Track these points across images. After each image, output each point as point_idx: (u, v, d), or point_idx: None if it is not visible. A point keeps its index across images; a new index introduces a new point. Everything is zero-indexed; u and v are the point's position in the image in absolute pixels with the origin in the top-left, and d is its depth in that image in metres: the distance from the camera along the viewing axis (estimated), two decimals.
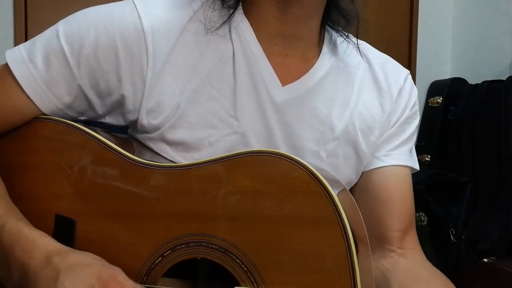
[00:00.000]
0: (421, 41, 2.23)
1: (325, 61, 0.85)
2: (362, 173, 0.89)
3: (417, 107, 0.91)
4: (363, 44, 0.91)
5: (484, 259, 1.83)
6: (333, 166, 0.84)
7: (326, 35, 0.87)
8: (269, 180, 0.65)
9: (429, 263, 0.87)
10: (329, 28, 0.87)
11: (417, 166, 0.91)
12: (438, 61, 2.28)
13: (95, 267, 0.64)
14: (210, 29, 0.78)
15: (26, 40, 1.72)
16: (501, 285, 1.31)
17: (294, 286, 0.63)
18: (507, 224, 1.83)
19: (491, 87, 1.97)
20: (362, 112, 0.85)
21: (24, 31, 1.73)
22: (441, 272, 0.84)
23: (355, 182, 0.89)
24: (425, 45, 2.24)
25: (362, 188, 0.88)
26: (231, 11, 0.79)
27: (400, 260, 0.84)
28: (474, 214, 1.92)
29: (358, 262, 0.61)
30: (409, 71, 0.92)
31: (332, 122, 0.83)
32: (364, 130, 0.85)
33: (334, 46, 0.87)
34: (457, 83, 2.17)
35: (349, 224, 0.61)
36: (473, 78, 2.11)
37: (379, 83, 0.88)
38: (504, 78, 1.94)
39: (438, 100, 2.17)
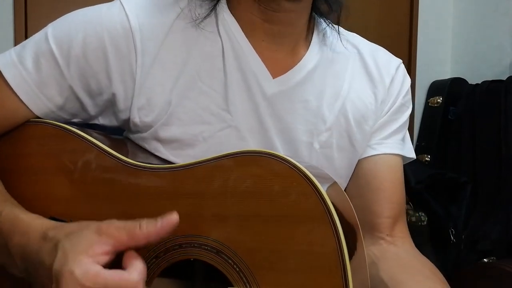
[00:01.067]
0: (421, 41, 2.23)
1: (314, 52, 0.85)
2: None
3: (409, 96, 0.91)
4: (352, 35, 0.91)
5: (484, 259, 1.83)
6: (327, 157, 0.84)
7: (316, 26, 0.87)
8: (260, 180, 0.65)
9: (419, 252, 0.87)
10: (318, 17, 0.87)
11: (412, 155, 0.91)
12: (438, 61, 2.28)
13: (92, 225, 0.63)
14: (196, 20, 0.78)
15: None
16: (501, 285, 1.32)
17: (286, 286, 0.64)
18: (507, 224, 1.83)
19: (491, 87, 1.97)
20: (354, 101, 0.85)
21: (24, 31, 1.74)
22: (430, 261, 0.84)
23: (351, 174, 0.89)
24: (425, 45, 2.23)
25: (354, 176, 0.89)
26: (214, 2, 0.80)
27: (389, 248, 0.84)
28: (474, 214, 1.92)
29: (350, 261, 0.61)
30: (401, 61, 0.92)
31: (324, 113, 0.83)
32: (357, 119, 0.85)
33: (323, 36, 0.87)
34: (457, 83, 2.17)
35: (340, 221, 0.61)
36: (473, 78, 2.11)
37: (370, 73, 0.88)
38: (504, 78, 1.93)
39: (438, 100, 2.17)
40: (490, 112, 1.94)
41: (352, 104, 0.85)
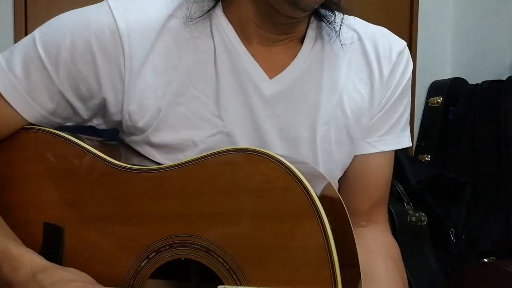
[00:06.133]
0: (421, 41, 2.22)
1: (309, 47, 0.83)
2: None
3: (410, 82, 0.88)
4: (351, 19, 0.87)
5: (484, 259, 1.82)
6: (326, 152, 0.83)
7: (310, 18, 0.84)
8: (246, 177, 0.65)
9: (387, 235, 0.89)
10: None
11: (408, 143, 0.89)
12: (438, 61, 2.27)
13: (78, 284, 0.66)
14: (188, 20, 0.77)
15: None
16: (501, 285, 1.31)
17: (275, 281, 0.64)
18: (507, 224, 1.82)
19: (491, 87, 1.96)
20: (351, 93, 0.83)
21: (24, 31, 1.74)
22: (395, 249, 0.86)
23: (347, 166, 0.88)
24: (425, 45, 2.23)
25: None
26: (211, 5, 0.78)
27: (361, 232, 0.86)
28: (474, 214, 1.91)
29: (337, 254, 0.61)
30: (405, 43, 0.88)
31: (322, 107, 0.82)
32: (355, 111, 0.84)
33: (318, 29, 0.84)
34: (457, 83, 2.16)
35: (328, 214, 0.61)
36: (473, 78, 2.10)
37: (369, 60, 0.85)
38: (504, 78, 1.92)
39: (438, 100, 2.16)
40: (490, 112, 1.93)
41: (349, 96, 0.83)
